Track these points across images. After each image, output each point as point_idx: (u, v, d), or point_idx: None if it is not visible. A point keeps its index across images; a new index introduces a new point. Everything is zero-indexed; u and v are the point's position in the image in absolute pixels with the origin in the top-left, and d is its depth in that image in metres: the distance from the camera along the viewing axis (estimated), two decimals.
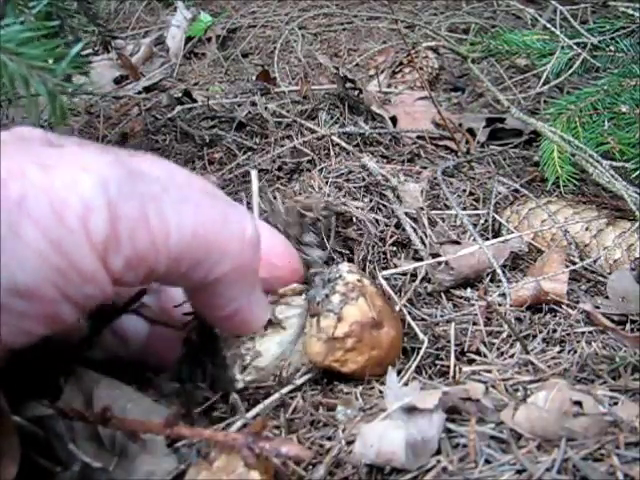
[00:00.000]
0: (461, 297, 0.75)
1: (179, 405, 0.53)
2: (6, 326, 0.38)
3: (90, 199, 0.38)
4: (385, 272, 0.74)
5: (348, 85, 1.21)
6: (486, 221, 0.92)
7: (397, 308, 0.67)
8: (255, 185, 0.64)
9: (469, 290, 0.77)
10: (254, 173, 0.64)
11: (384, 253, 0.81)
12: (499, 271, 0.75)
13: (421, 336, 0.64)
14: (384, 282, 0.71)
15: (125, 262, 0.40)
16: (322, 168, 0.99)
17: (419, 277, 0.76)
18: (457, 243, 0.82)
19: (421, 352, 0.62)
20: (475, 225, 0.90)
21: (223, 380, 0.56)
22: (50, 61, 0.56)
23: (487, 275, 0.78)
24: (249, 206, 0.57)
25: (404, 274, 0.77)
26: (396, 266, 0.79)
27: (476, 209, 0.96)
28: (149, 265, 0.41)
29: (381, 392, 0.56)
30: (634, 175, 0.87)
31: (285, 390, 0.57)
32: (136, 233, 0.40)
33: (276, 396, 0.56)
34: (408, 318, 0.67)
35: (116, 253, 0.39)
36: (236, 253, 0.46)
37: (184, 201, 0.43)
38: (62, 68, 0.56)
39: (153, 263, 0.41)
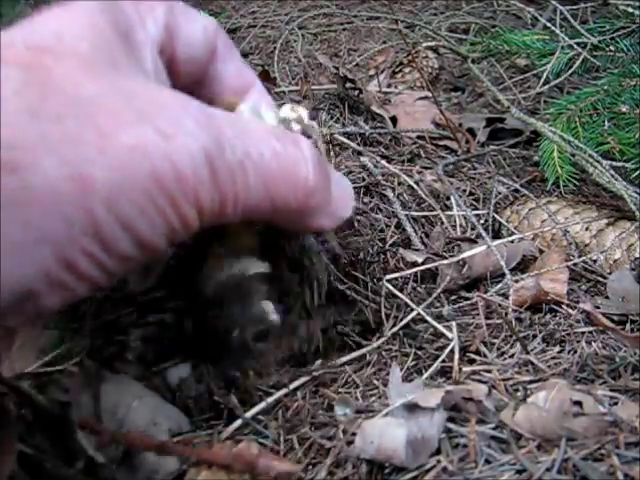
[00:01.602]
0: (462, 297, 0.75)
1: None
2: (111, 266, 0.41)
3: (200, 173, 0.42)
4: (390, 275, 0.72)
5: (348, 85, 1.21)
6: (486, 221, 0.92)
7: (414, 312, 0.67)
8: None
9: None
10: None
11: (384, 253, 0.81)
12: (508, 274, 0.75)
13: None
14: (389, 285, 0.70)
15: (208, 221, 0.44)
16: None
17: (419, 277, 0.76)
18: (473, 241, 0.82)
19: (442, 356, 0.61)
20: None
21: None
22: None
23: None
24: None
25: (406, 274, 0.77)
26: (401, 268, 0.78)
27: (476, 209, 0.96)
28: (222, 220, 0.45)
29: (382, 393, 0.56)
30: (634, 175, 0.87)
31: (285, 390, 0.57)
32: (226, 203, 0.44)
33: (276, 396, 0.56)
34: (428, 318, 0.67)
35: (207, 216, 0.44)
36: (300, 202, 0.48)
37: (261, 163, 0.46)
38: None
39: (227, 218, 0.45)
